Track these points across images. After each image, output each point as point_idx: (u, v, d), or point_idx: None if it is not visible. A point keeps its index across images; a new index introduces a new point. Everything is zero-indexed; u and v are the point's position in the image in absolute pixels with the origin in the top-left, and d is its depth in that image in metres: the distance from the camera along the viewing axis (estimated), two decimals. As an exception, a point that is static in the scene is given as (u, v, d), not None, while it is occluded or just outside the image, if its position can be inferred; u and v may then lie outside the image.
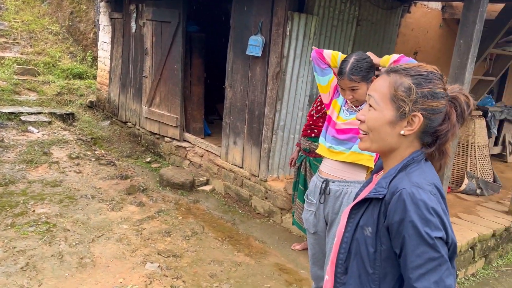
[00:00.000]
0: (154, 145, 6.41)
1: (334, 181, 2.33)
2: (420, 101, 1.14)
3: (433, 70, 1.19)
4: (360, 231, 1.20)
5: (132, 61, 6.75)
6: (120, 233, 3.93)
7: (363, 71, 2.25)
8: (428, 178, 1.14)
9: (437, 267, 1.04)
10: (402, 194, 1.09)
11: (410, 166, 1.17)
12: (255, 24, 4.51)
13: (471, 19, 2.86)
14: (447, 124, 1.15)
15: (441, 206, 1.10)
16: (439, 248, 1.05)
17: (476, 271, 4.02)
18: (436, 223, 1.06)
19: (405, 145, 1.20)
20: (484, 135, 5.68)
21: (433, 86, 1.15)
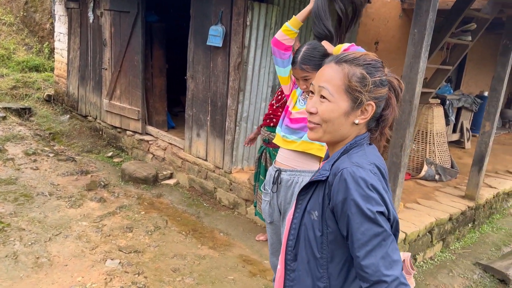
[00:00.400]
0: (116, 139, 6.24)
1: (286, 170, 2.33)
2: (372, 89, 1.17)
3: (377, 58, 1.21)
4: (307, 216, 1.20)
5: (90, 52, 6.52)
6: (79, 230, 3.81)
7: (315, 60, 2.23)
8: (369, 158, 1.15)
9: (381, 242, 1.05)
10: (343, 174, 1.10)
11: (352, 149, 1.20)
12: (215, 13, 4.43)
13: (424, 9, 2.90)
14: (390, 109, 1.19)
15: (381, 184, 1.11)
16: (382, 222, 1.06)
17: (434, 255, 4.15)
18: (376, 198, 1.07)
19: (355, 133, 1.23)
20: (442, 123, 5.86)
21: (381, 75, 1.18)
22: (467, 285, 3.74)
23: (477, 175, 4.65)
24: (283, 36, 2.43)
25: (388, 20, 6.40)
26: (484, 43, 8.81)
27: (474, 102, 7.62)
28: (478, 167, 4.65)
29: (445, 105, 6.72)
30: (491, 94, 4.55)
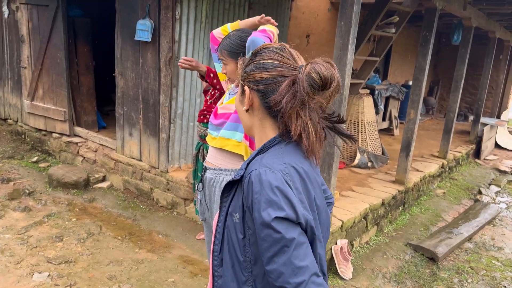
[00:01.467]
0: (41, 143, 5.82)
1: (209, 168, 2.29)
2: (247, 74, 1.17)
3: (272, 45, 1.18)
4: (230, 218, 1.15)
5: (7, 50, 6.00)
6: (2, 244, 3.50)
7: (232, 47, 2.22)
8: (284, 159, 1.11)
9: (283, 249, 1.00)
10: (251, 176, 1.07)
11: (270, 147, 1.16)
12: (142, 7, 4.25)
13: (349, 2, 2.98)
14: (277, 95, 1.12)
15: (294, 185, 1.07)
16: (279, 228, 1.00)
17: (369, 239, 4.34)
18: (279, 203, 1.02)
19: (258, 124, 1.20)
20: (372, 112, 6.12)
21: (260, 59, 1.16)
22: (400, 265, 3.94)
23: (405, 160, 4.92)
24: (219, 34, 2.43)
25: (318, 14, 6.55)
26: (407, 35, 9.35)
27: (400, 91, 8.06)
28: (406, 153, 4.92)
29: (374, 95, 7.03)
30: (414, 84, 4.82)
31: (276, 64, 1.14)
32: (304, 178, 1.12)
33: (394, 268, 3.87)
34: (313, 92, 1.09)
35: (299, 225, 1.04)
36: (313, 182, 1.16)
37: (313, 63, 1.10)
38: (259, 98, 1.16)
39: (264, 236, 1.02)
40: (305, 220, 1.05)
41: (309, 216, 1.07)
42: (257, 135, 1.23)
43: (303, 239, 1.03)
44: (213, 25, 4.45)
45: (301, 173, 1.11)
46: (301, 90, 1.09)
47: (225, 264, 1.16)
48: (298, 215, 1.03)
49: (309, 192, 1.12)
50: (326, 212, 1.25)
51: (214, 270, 1.19)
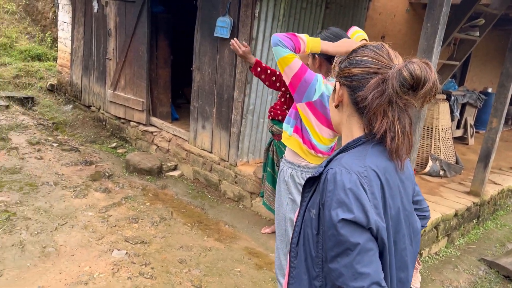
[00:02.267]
0: (119, 130, 6.22)
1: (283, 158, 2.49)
2: (340, 70, 1.18)
3: (370, 44, 1.17)
4: (308, 214, 1.17)
5: (95, 42, 6.47)
6: (85, 220, 3.80)
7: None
8: (366, 161, 1.09)
9: (346, 251, 1.00)
10: (327, 174, 1.08)
11: (355, 147, 1.15)
12: (223, 4, 4.39)
13: (438, 2, 2.88)
14: (364, 91, 1.10)
15: (370, 189, 1.04)
16: (345, 231, 1.00)
17: (439, 250, 4.16)
18: (349, 204, 1.01)
19: (346, 121, 1.21)
20: (447, 118, 5.84)
21: (355, 55, 1.16)
22: (473, 280, 3.75)
23: (482, 172, 4.65)
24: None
25: (395, 14, 6.37)
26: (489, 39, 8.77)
27: (479, 98, 7.60)
28: (484, 164, 4.64)
29: (451, 101, 6.70)
30: (499, 91, 4.53)
31: (369, 60, 1.13)
32: (384, 184, 1.09)
33: (466, 283, 3.68)
34: (403, 92, 1.06)
35: (369, 231, 1.02)
36: (393, 189, 1.12)
37: (408, 62, 1.07)
38: (348, 93, 1.16)
39: (330, 235, 1.03)
40: (376, 226, 1.02)
41: (382, 224, 1.04)
42: (344, 133, 1.23)
43: (370, 246, 1.01)
44: (289, 24, 4.49)
45: (382, 179, 1.08)
46: (390, 88, 1.06)
47: (299, 257, 1.18)
48: (369, 220, 1.01)
49: (387, 200, 1.09)
50: (411, 223, 1.19)
51: (291, 261, 1.22)
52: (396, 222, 1.12)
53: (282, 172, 2.40)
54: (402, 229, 1.14)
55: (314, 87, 2.11)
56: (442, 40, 3.01)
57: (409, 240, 1.18)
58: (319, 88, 2.12)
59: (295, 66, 2.09)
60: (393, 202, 1.11)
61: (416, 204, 1.34)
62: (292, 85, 2.15)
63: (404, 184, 1.19)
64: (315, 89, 2.11)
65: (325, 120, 2.18)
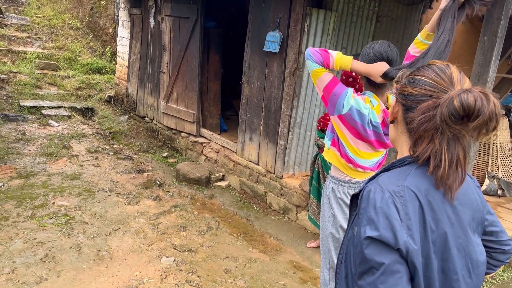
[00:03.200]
0: (171, 140, 6.46)
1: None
2: (401, 86, 1.16)
3: (435, 63, 1.13)
4: (351, 231, 1.17)
5: (150, 56, 6.80)
6: (137, 226, 3.98)
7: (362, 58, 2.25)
8: (406, 181, 1.06)
9: (372, 269, 0.99)
10: (363, 192, 1.08)
11: (399, 166, 1.13)
12: (273, 19, 4.48)
13: (495, 16, 2.78)
14: (416, 113, 1.07)
15: (403, 209, 1.02)
16: (370, 249, 1.00)
17: (495, 274, 3.93)
18: (377, 222, 1.00)
19: (399, 139, 1.20)
20: (507, 135, 5.54)
21: (416, 74, 1.13)
22: (533, 309, 3.50)
23: (545, 192, 4.36)
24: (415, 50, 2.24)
25: (449, 26, 6.16)
26: (555, 51, 8.24)
27: (542, 113, 7.13)
28: (547, 184, 4.35)
29: (510, 116, 6.34)
30: None
31: (427, 82, 1.09)
32: (424, 206, 1.05)
33: (525, 310, 3.45)
34: (452, 121, 1.01)
35: (398, 252, 0.99)
36: (437, 213, 1.06)
37: (464, 90, 1.02)
38: (402, 111, 1.15)
39: (358, 252, 1.04)
40: (406, 248, 0.99)
41: (413, 246, 1.00)
42: (398, 150, 1.24)
43: (397, 268, 0.99)
44: (339, 38, 4.49)
45: (422, 200, 1.05)
46: (438, 115, 1.02)
47: (341, 273, 1.19)
48: (398, 240, 0.99)
49: (428, 223, 1.04)
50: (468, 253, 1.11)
51: (336, 277, 1.24)
52: (442, 248, 1.07)
53: (325, 187, 2.43)
54: (453, 258, 1.08)
55: (342, 100, 2.12)
56: (500, 54, 2.89)
57: (465, 271, 1.10)
58: (348, 102, 2.11)
59: (326, 79, 2.14)
60: (437, 226, 1.06)
61: (491, 236, 1.26)
62: (324, 97, 2.20)
63: (456, 210, 1.11)
64: (344, 103, 2.12)
65: (357, 134, 2.17)
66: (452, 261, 1.08)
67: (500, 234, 1.26)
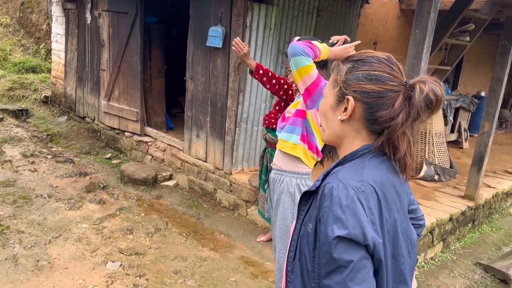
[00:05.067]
0: (114, 141, 6.22)
1: (274, 169, 2.42)
2: (352, 83, 1.12)
3: (379, 55, 1.14)
4: (304, 228, 1.15)
5: (88, 53, 6.49)
6: (79, 232, 3.79)
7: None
8: (363, 175, 1.07)
9: (340, 268, 0.99)
10: (324, 189, 1.06)
11: (352, 160, 1.13)
12: (215, 14, 4.42)
13: (425, 9, 2.91)
14: (389, 111, 1.08)
15: (367, 204, 1.03)
16: (339, 248, 0.99)
17: (435, 255, 4.16)
18: (345, 221, 0.99)
19: (351, 135, 1.16)
20: (441, 123, 5.87)
21: (369, 69, 1.11)
22: (469, 285, 3.74)
23: (476, 175, 4.67)
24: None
25: (386, 21, 6.42)
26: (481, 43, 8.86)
27: (472, 102, 7.65)
28: (478, 167, 4.67)
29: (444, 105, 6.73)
30: (490, 95, 4.57)
31: (387, 77, 1.10)
32: (381, 198, 1.07)
33: (462, 287, 3.68)
34: (424, 112, 1.07)
35: (366, 247, 1.00)
36: (389, 203, 1.10)
37: (426, 82, 1.07)
38: (364, 110, 1.11)
39: (324, 252, 1.02)
40: (373, 243, 1.00)
41: (379, 240, 1.02)
42: (343, 146, 1.19)
43: (364, 263, 1.00)
44: (281, 32, 4.52)
45: (379, 193, 1.07)
46: (418, 110, 1.06)
47: (296, 271, 1.16)
48: (366, 236, 0.99)
49: (384, 214, 1.07)
50: (408, 235, 1.17)
51: (287, 276, 1.20)
52: (393, 236, 1.10)
53: (284, 184, 2.34)
54: (400, 242, 1.13)
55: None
56: (430, 47, 3.03)
57: (407, 253, 1.16)
58: None
59: (315, 73, 2.13)
60: (390, 216, 1.09)
61: (412, 213, 1.31)
62: (308, 91, 2.16)
63: (400, 197, 1.17)
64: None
65: None
66: (400, 246, 1.12)
67: (418, 211, 1.33)
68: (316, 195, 1.13)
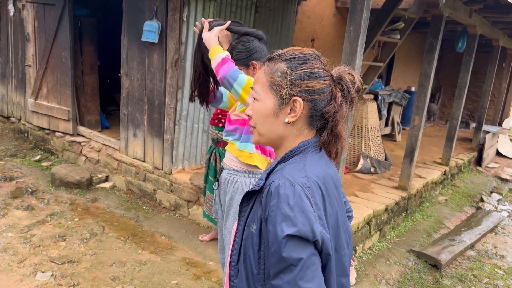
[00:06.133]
0: (44, 142, 5.81)
1: (226, 168, 2.31)
2: (296, 83, 1.10)
3: (309, 52, 1.15)
4: (247, 229, 1.12)
5: (12, 48, 5.99)
6: (5, 242, 3.48)
7: (237, 53, 2.22)
8: (307, 170, 1.07)
9: (290, 267, 0.97)
10: (270, 188, 1.04)
11: (293, 157, 1.12)
12: (150, 8, 4.25)
13: (358, 7, 2.98)
14: (333, 105, 1.11)
15: (314, 200, 1.03)
16: (288, 247, 0.97)
17: (372, 245, 4.33)
18: (293, 219, 0.98)
19: (294, 134, 1.15)
20: (375, 117, 6.13)
21: (309, 67, 1.12)
22: (403, 271, 3.93)
23: (408, 167, 4.92)
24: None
25: (323, 18, 6.56)
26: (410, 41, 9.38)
27: (403, 97, 8.07)
28: (410, 159, 4.92)
29: (378, 100, 7.04)
30: (419, 90, 4.82)
31: (324, 73, 1.12)
32: (324, 193, 1.08)
33: (397, 274, 3.86)
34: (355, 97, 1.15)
35: (314, 244, 1.00)
36: (331, 197, 1.11)
37: (348, 72, 1.14)
38: (309, 108, 1.12)
39: (273, 252, 1.00)
40: (322, 239, 1.00)
41: (327, 235, 1.03)
42: (284, 146, 1.17)
43: (313, 260, 0.99)
44: (219, 28, 4.45)
45: (322, 188, 1.08)
46: (353, 99, 1.14)
47: (240, 275, 1.13)
48: (315, 233, 0.99)
49: (327, 209, 1.08)
50: (346, 228, 1.20)
51: (231, 281, 1.16)
52: (335, 229, 1.11)
53: (238, 183, 2.24)
54: (341, 235, 1.14)
55: None
56: (364, 43, 3.12)
57: (346, 244, 1.17)
58: None
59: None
60: (332, 210, 1.10)
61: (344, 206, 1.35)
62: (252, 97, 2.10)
63: (338, 190, 1.19)
64: None
65: None
66: (341, 238, 1.14)
67: (347, 203, 1.38)
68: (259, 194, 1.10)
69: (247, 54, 2.24)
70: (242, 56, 2.24)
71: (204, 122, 4.61)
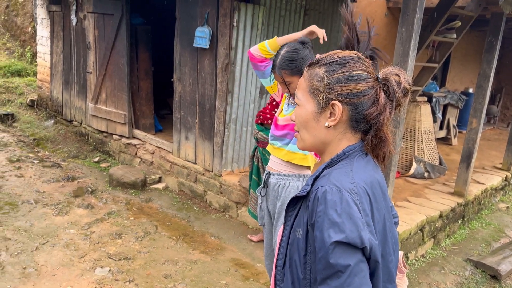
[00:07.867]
0: (102, 144, 6.14)
1: (274, 174, 2.29)
2: (334, 87, 1.09)
3: (350, 54, 1.13)
4: (293, 234, 1.12)
5: (74, 56, 6.40)
6: (67, 238, 3.72)
7: (294, 64, 2.17)
8: (354, 176, 1.06)
9: (337, 273, 0.96)
10: (317, 193, 1.03)
11: (339, 162, 1.11)
12: (201, 15, 4.38)
13: (411, 7, 2.90)
14: (375, 107, 1.08)
15: (361, 206, 1.01)
16: (336, 253, 0.96)
17: (425, 252, 4.17)
18: (341, 225, 0.96)
19: (337, 138, 1.14)
20: (429, 120, 5.90)
21: (348, 70, 1.10)
22: (459, 281, 3.75)
23: (465, 172, 4.69)
24: (257, 52, 2.41)
25: (374, 19, 6.42)
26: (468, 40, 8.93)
27: (460, 99, 7.70)
28: (466, 164, 4.69)
29: (432, 102, 6.77)
30: (477, 91, 4.59)
31: (366, 75, 1.10)
32: (372, 199, 1.06)
33: (452, 284, 3.69)
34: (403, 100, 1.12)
35: (362, 251, 0.98)
36: (378, 203, 1.10)
37: (395, 73, 1.10)
38: (350, 111, 1.10)
39: (321, 257, 0.99)
40: (370, 245, 0.99)
41: (375, 242, 1.01)
42: (328, 150, 1.17)
43: (361, 267, 0.98)
44: (268, 32, 4.50)
45: (370, 194, 1.06)
46: (399, 101, 1.10)
47: (286, 280, 1.13)
48: (363, 239, 0.97)
49: (375, 215, 1.06)
50: (392, 234, 1.17)
51: (277, 285, 1.16)
52: (382, 235, 1.10)
53: (290, 188, 2.22)
54: (388, 241, 1.12)
55: None
56: (417, 44, 3.03)
57: (392, 251, 1.15)
58: None
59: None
60: (380, 215, 1.09)
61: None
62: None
63: (385, 196, 1.17)
64: None
65: None
66: (387, 245, 1.11)
67: (393, 208, 1.34)
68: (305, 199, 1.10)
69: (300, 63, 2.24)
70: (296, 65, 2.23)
71: (252, 125, 4.66)
